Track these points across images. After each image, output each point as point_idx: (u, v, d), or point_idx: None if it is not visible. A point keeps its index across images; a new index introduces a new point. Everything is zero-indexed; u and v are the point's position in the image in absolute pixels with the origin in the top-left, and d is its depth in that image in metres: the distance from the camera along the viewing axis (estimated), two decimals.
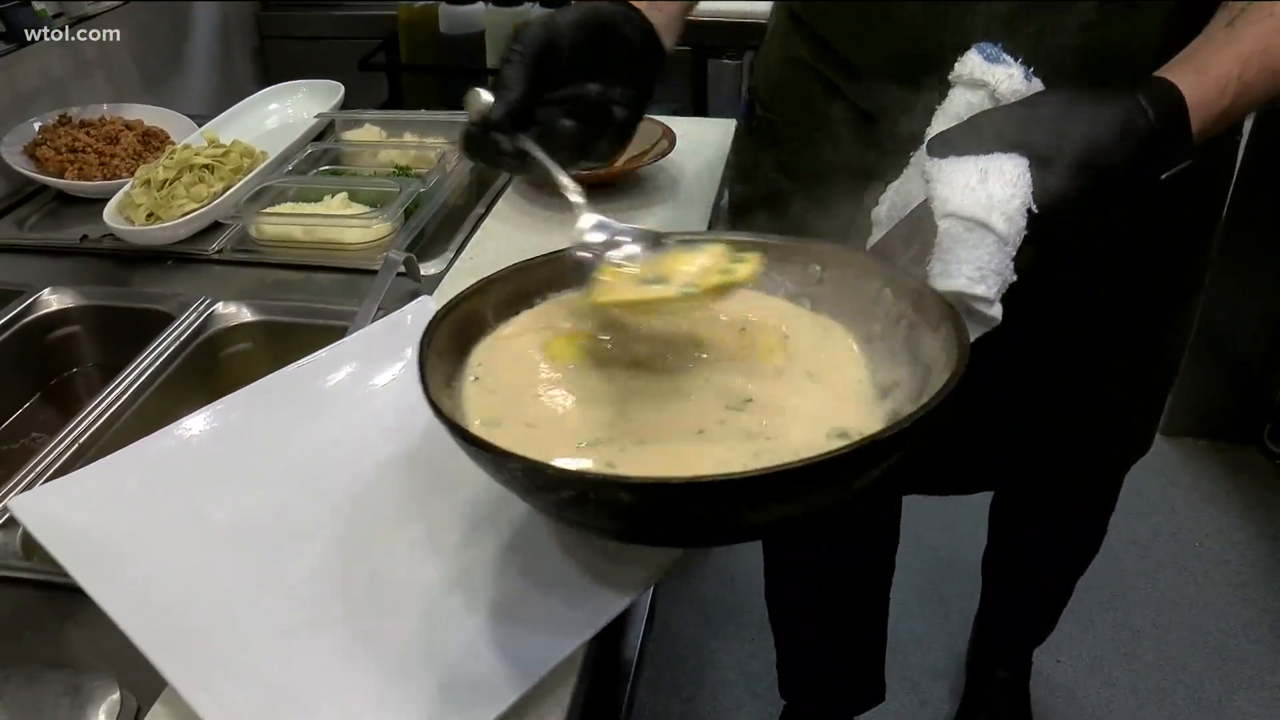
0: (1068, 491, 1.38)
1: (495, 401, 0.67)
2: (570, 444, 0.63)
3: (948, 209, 0.66)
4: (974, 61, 0.71)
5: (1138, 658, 1.88)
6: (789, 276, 0.75)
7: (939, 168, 0.68)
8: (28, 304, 1.09)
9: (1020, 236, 0.66)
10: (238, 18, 1.94)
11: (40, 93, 1.42)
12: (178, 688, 0.59)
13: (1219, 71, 0.68)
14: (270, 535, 0.71)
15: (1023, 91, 0.70)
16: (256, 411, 0.80)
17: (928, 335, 0.65)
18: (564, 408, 0.67)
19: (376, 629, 0.65)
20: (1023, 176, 0.66)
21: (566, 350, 0.72)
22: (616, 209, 1.20)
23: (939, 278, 0.67)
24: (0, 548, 0.77)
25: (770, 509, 0.56)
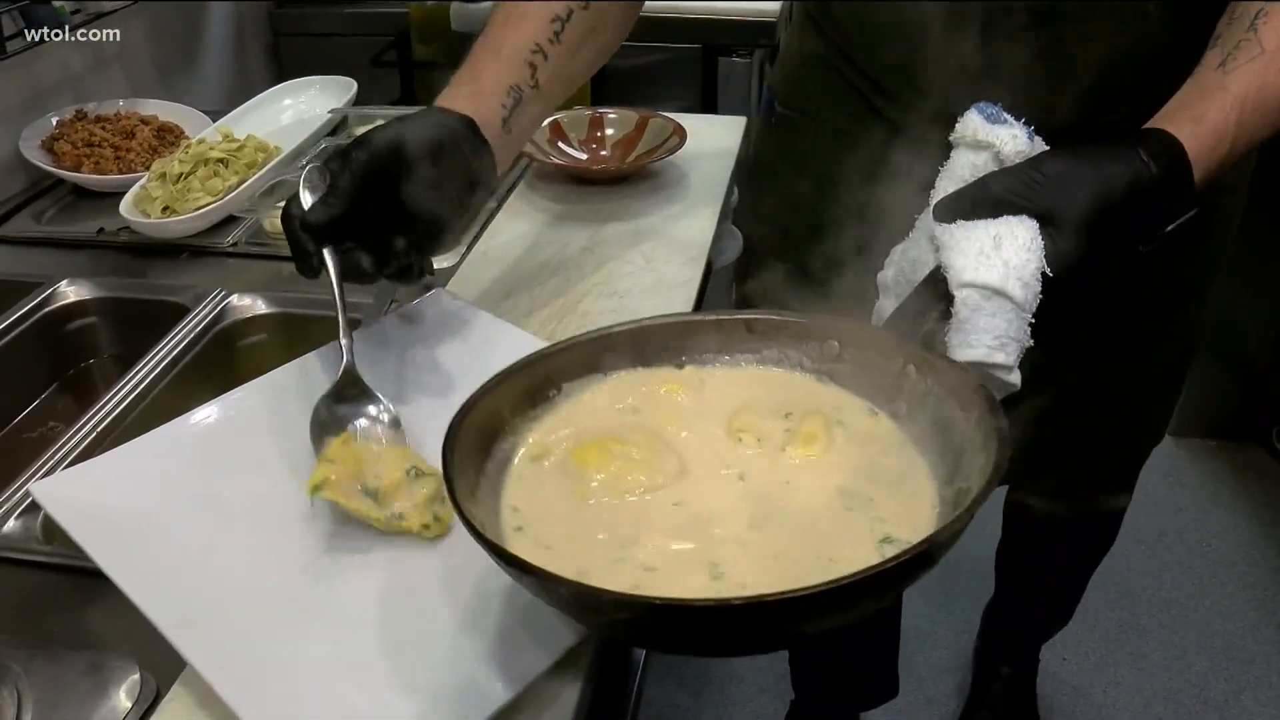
0: (1083, 483, 1.38)
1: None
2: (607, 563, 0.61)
3: (964, 279, 0.65)
4: (975, 122, 0.71)
5: (1144, 657, 1.88)
6: (806, 353, 0.73)
7: (949, 234, 0.67)
8: (46, 295, 1.10)
9: (1036, 300, 0.65)
10: (251, 15, 1.95)
11: (58, 88, 1.43)
12: (197, 667, 0.60)
13: (1216, 118, 0.68)
14: (283, 519, 0.72)
15: (1026, 152, 0.69)
16: (271, 400, 0.81)
17: (957, 413, 0.63)
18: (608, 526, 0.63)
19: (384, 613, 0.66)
20: (1035, 240, 0.65)
21: (596, 458, 0.68)
22: (626, 205, 1.21)
23: (958, 348, 0.66)
24: (22, 532, 0.78)
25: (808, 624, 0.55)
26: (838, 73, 0.97)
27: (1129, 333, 1.02)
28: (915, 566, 0.52)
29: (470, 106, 0.81)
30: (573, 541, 0.61)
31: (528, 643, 0.63)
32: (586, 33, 0.88)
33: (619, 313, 1.00)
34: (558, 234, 1.15)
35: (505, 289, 1.05)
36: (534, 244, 1.13)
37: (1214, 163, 0.68)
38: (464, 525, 0.55)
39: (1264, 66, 0.68)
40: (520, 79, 0.84)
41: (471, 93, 0.83)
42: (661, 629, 0.56)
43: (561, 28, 0.86)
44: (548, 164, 1.27)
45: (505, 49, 0.85)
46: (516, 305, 1.01)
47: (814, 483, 0.65)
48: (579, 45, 0.88)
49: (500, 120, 0.83)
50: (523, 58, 0.85)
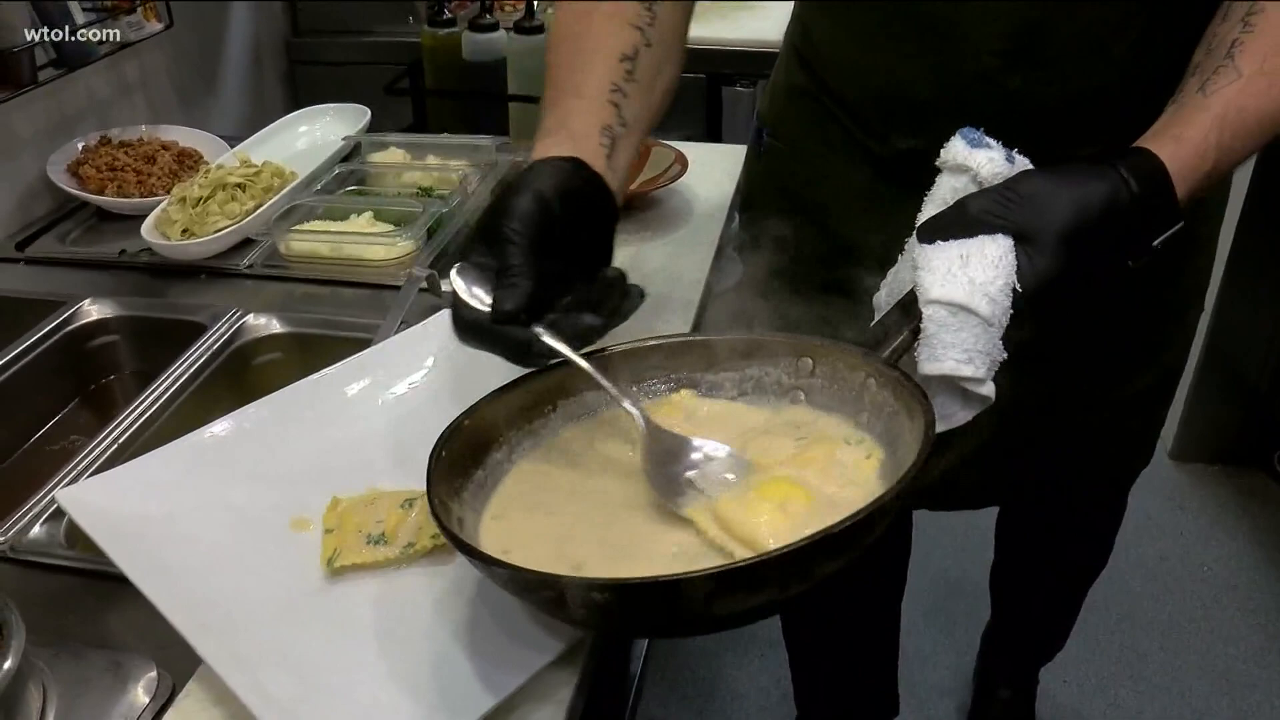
0: (1073, 504, 1.40)
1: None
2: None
3: (930, 295, 0.67)
4: (957, 147, 0.72)
5: (1145, 680, 1.89)
6: (783, 370, 0.77)
7: (924, 254, 0.69)
8: (69, 314, 1.14)
9: (1007, 315, 0.67)
10: (270, 44, 2.01)
11: (85, 114, 1.48)
12: (211, 664, 0.64)
13: (1197, 137, 0.70)
14: (294, 527, 0.76)
15: (1004, 174, 0.71)
16: (284, 414, 0.85)
17: (906, 423, 0.67)
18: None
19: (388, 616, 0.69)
20: (1004, 257, 0.66)
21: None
22: (628, 231, 1.25)
23: (926, 362, 0.68)
24: (46, 538, 0.82)
25: (729, 602, 0.57)
26: (820, 104, 1.00)
27: (1112, 356, 1.04)
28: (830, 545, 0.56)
29: (572, 149, 0.77)
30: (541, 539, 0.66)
31: (522, 645, 0.66)
32: (656, 69, 0.86)
33: (616, 334, 1.03)
34: None
35: None
36: None
37: (1197, 179, 0.69)
38: (433, 519, 0.61)
39: (1241, 89, 0.70)
40: (609, 118, 0.81)
41: (569, 135, 0.79)
42: (617, 611, 0.59)
43: (633, 66, 0.84)
44: None
45: (586, 91, 0.82)
46: None
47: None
48: (652, 81, 0.86)
49: (604, 159, 0.79)
50: (605, 98, 0.82)
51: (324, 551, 0.72)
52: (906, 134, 0.88)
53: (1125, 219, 0.67)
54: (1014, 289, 0.66)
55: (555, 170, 0.73)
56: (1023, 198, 0.67)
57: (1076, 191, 0.67)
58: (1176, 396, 2.28)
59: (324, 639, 0.67)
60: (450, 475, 0.67)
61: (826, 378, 0.75)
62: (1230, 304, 2.19)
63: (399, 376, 0.90)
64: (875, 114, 0.95)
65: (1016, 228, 0.67)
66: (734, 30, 1.96)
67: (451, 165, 1.43)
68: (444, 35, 1.73)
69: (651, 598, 0.56)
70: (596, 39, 0.85)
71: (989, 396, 0.69)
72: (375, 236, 1.24)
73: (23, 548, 0.81)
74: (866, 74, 0.94)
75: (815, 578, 0.58)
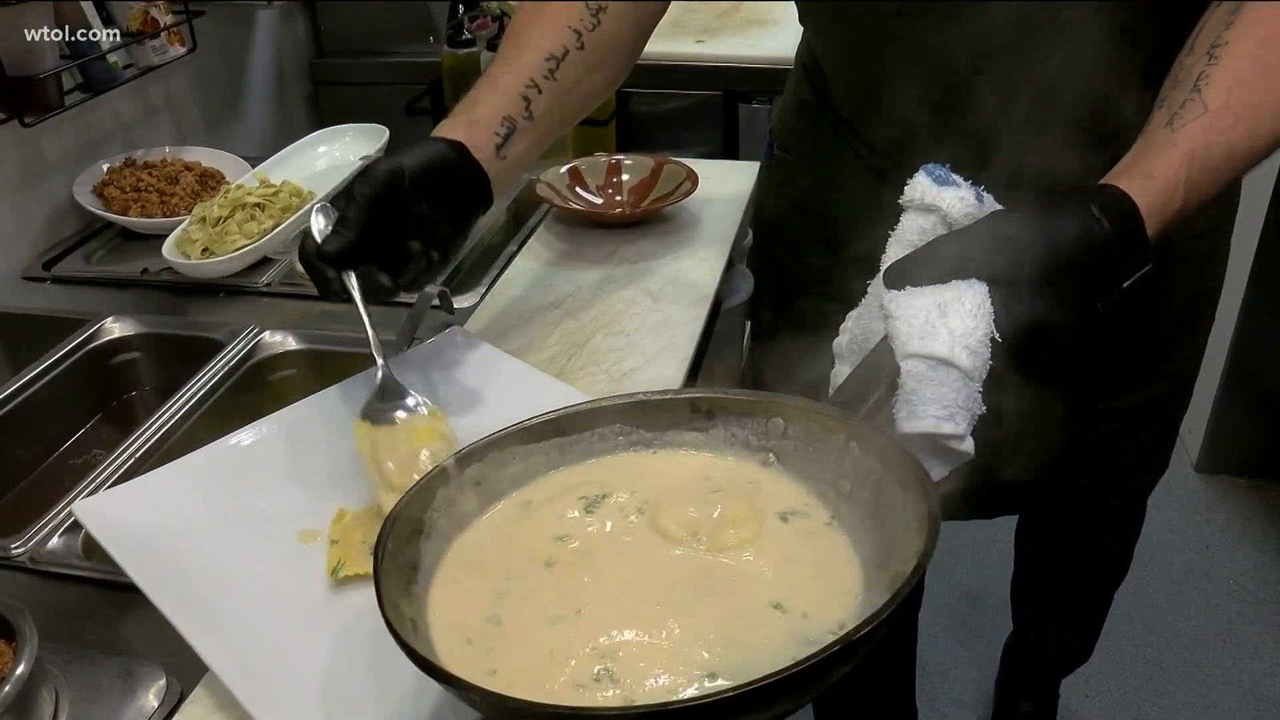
0: (1090, 514, 1.40)
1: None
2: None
3: (909, 350, 0.63)
4: (923, 185, 0.69)
5: (1168, 694, 1.87)
6: (750, 431, 0.70)
7: (896, 302, 0.65)
8: (92, 331, 1.17)
9: (986, 366, 0.64)
10: (293, 65, 2.05)
11: (111, 136, 1.52)
12: (217, 672, 0.66)
13: (1166, 174, 0.68)
14: (300, 537, 0.78)
15: (975, 213, 0.68)
16: (295, 429, 0.87)
17: (897, 494, 0.61)
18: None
19: None
20: (983, 306, 0.63)
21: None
22: (639, 247, 1.27)
23: (905, 420, 0.64)
24: (64, 549, 0.84)
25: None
26: (826, 119, 1.02)
27: (1116, 368, 1.05)
28: (833, 663, 0.49)
29: (465, 134, 0.87)
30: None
31: None
32: (582, 73, 0.93)
33: (625, 350, 1.05)
34: (572, 275, 1.21)
35: (519, 327, 1.10)
36: (549, 285, 1.19)
37: (1167, 216, 0.68)
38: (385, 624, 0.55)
39: (1209, 124, 0.69)
40: (514, 110, 0.89)
41: (466, 121, 0.88)
42: None
43: (557, 66, 0.91)
44: (566, 208, 1.32)
45: (502, 83, 0.90)
46: (529, 343, 1.07)
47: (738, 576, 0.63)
48: (574, 84, 0.93)
49: (494, 147, 0.88)
50: (518, 91, 0.90)
51: (329, 562, 0.74)
52: (902, 149, 0.90)
53: (1098, 261, 0.65)
54: (993, 338, 0.63)
55: (427, 150, 0.84)
56: (997, 241, 0.65)
57: (1050, 233, 0.65)
58: (1202, 409, 2.30)
59: (327, 647, 0.69)
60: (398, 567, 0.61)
61: (800, 440, 0.68)
62: (1255, 316, 2.18)
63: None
64: (873, 129, 0.96)
65: (991, 273, 0.64)
66: (750, 48, 1.98)
67: None
68: (464, 55, 1.76)
69: None
70: (531, 36, 0.93)
71: (968, 453, 0.65)
72: None
73: (41, 558, 0.83)
74: (863, 91, 0.96)
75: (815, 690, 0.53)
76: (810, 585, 0.61)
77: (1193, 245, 1.00)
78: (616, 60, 0.97)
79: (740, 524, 0.65)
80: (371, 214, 0.81)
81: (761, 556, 0.63)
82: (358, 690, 0.66)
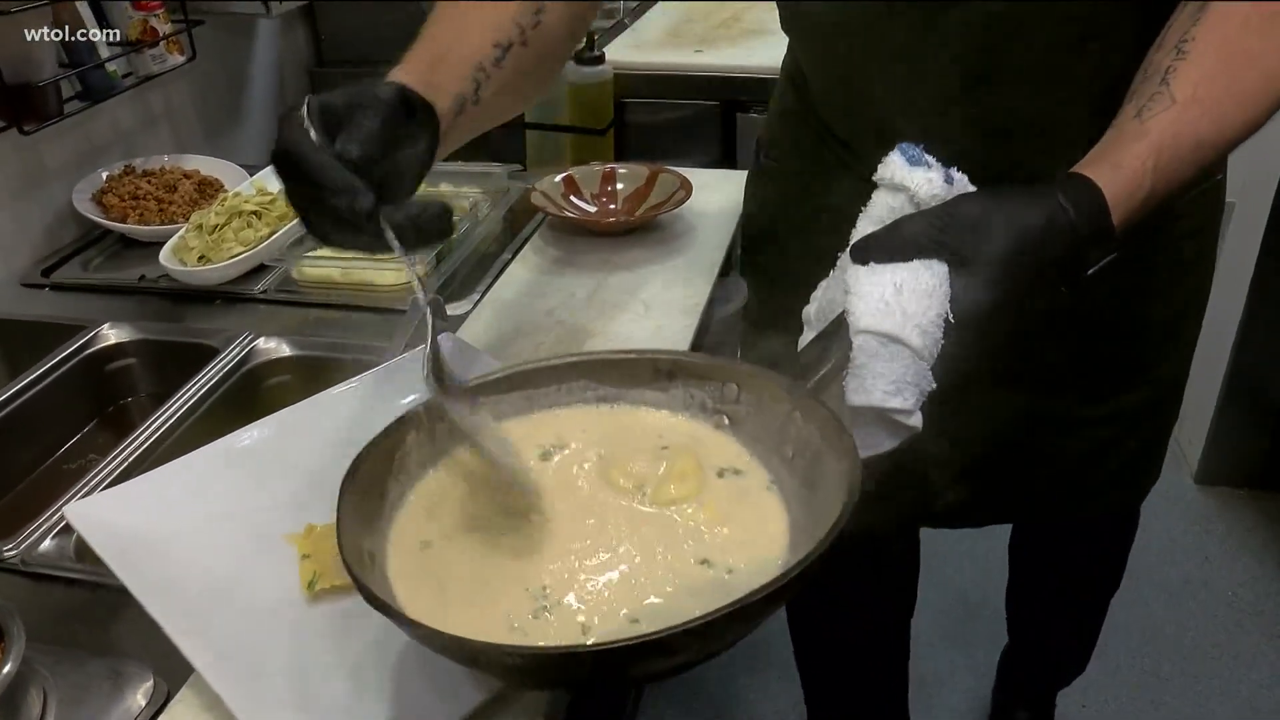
0: (1082, 522, 1.40)
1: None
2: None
3: (861, 325, 0.65)
4: (894, 164, 0.71)
5: (1165, 705, 1.87)
6: (707, 394, 0.75)
7: (857, 277, 0.67)
8: (89, 338, 1.18)
9: (938, 345, 0.65)
10: (293, 74, 2.06)
11: (110, 144, 1.53)
12: (204, 674, 0.66)
13: (1133, 164, 0.69)
14: (285, 540, 0.78)
15: (942, 195, 0.69)
16: (285, 433, 0.88)
17: (832, 464, 0.64)
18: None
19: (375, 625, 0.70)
20: (939, 287, 0.65)
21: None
22: (632, 255, 1.27)
23: (854, 393, 0.66)
24: (56, 552, 0.85)
25: (645, 667, 0.56)
26: (810, 126, 1.03)
27: (1098, 373, 1.05)
28: (731, 621, 0.53)
29: (429, 94, 0.77)
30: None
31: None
32: (522, 71, 0.88)
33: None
34: (565, 283, 1.22)
35: (511, 334, 1.11)
36: (542, 292, 1.20)
37: (1134, 206, 0.69)
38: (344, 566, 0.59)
39: (1176, 116, 0.70)
40: (465, 90, 0.83)
41: (429, 81, 0.79)
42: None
43: (503, 55, 0.86)
44: (561, 216, 1.33)
45: (452, 57, 0.84)
46: (520, 350, 1.07)
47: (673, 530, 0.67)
48: (514, 80, 0.88)
49: (451, 115, 0.80)
50: (468, 74, 0.83)
51: (303, 576, 0.74)
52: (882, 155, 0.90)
53: (1063, 247, 0.67)
54: (947, 319, 0.65)
55: (394, 89, 0.74)
56: (959, 223, 0.66)
57: (1014, 218, 0.66)
58: (1202, 420, 2.30)
59: (312, 650, 0.69)
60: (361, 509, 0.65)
61: (752, 406, 0.73)
62: (1255, 327, 2.17)
63: (402, 394, 0.93)
64: (855, 136, 0.97)
65: (952, 253, 0.66)
66: (748, 58, 1.98)
67: (463, 192, 1.46)
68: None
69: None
70: (479, 16, 0.87)
71: (916, 427, 0.67)
72: (385, 262, 1.27)
73: (33, 560, 0.84)
74: (844, 98, 0.96)
75: (736, 635, 0.56)
76: (740, 545, 0.66)
77: (1176, 249, 1.01)
78: (549, 66, 0.95)
79: (683, 479, 0.70)
80: (381, 130, 0.70)
81: (700, 512, 0.69)
82: (341, 693, 0.67)
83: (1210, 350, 1.14)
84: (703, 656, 0.57)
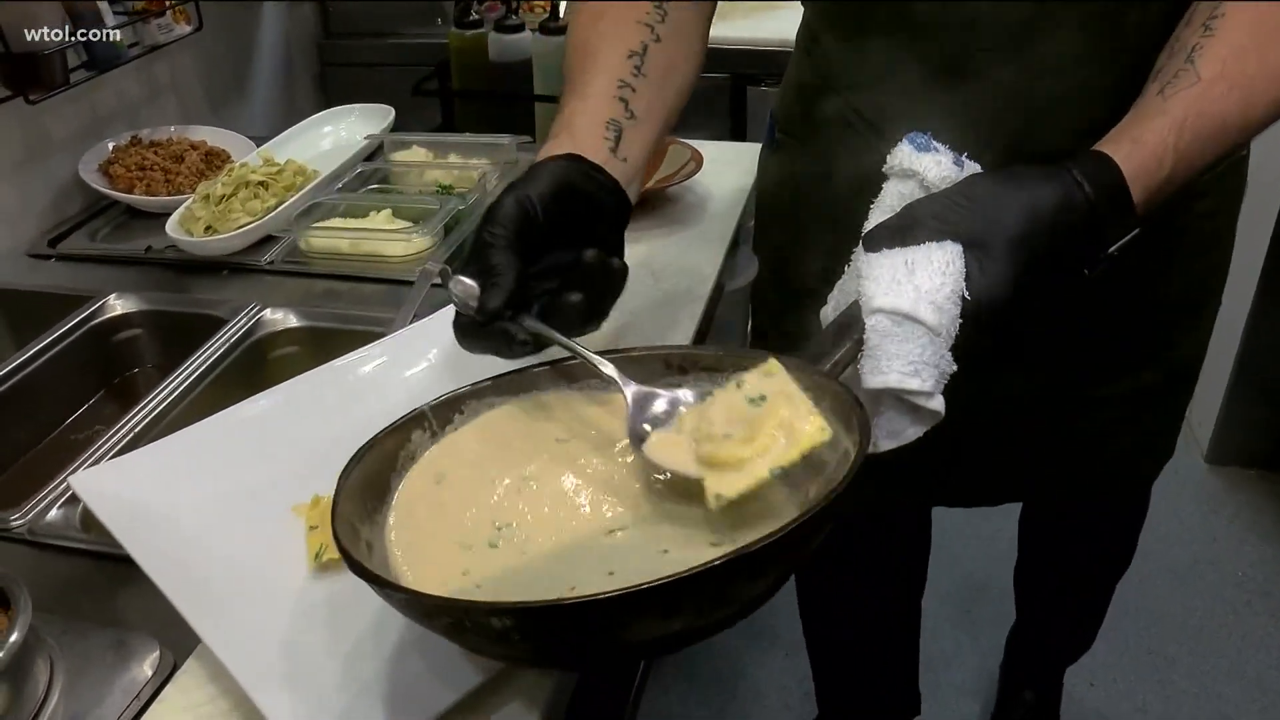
0: (1094, 501, 1.39)
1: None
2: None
3: (873, 304, 0.64)
4: (903, 152, 0.70)
5: (1172, 684, 1.87)
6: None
7: (869, 262, 0.66)
8: (95, 308, 1.17)
9: (955, 325, 0.63)
10: (300, 46, 2.04)
11: (116, 115, 1.52)
12: (209, 644, 0.66)
13: (1154, 140, 0.68)
14: (295, 514, 0.78)
15: (952, 178, 0.68)
16: (290, 403, 0.87)
17: (844, 436, 0.62)
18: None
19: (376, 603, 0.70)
20: (952, 264, 0.63)
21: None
22: (643, 226, 1.26)
23: (870, 375, 0.64)
24: (62, 522, 0.85)
25: (640, 629, 0.53)
26: (826, 101, 1.01)
27: (1112, 351, 1.04)
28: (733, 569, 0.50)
29: (571, 147, 0.78)
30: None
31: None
32: (666, 63, 0.87)
33: (627, 329, 1.05)
34: None
35: None
36: None
37: (1154, 184, 0.67)
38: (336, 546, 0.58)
39: (1200, 94, 0.69)
40: (615, 113, 0.82)
41: (569, 137, 0.80)
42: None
43: (641, 61, 0.84)
44: None
45: (590, 90, 0.83)
46: None
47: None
48: (663, 76, 0.86)
49: (608, 150, 0.80)
50: (610, 94, 0.83)
51: (310, 548, 0.74)
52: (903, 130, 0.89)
53: (1079, 224, 0.65)
54: (963, 297, 0.63)
55: (542, 172, 0.75)
56: (971, 202, 0.65)
57: (1027, 196, 0.64)
58: (1212, 401, 2.28)
59: (318, 621, 0.69)
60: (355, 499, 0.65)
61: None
62: (1267, 308, 2.16)
63: (408, 365, 0.92)
64: (875, 110, 0.96)
65: (965, 233, 0.64)
66: (757, 30, 1.96)
67: (472, 164, 1.45)
68: (471, 36, 1.76)
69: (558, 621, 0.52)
70: (603, 39, 0.86)
71: (939, 411, 0.65)
72: (392, 233, 1.26)
73: (40, 530, 0.84)
74: (865, 72, 0.95)
75: (736, 600, 0.54)
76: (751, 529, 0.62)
77: (1197, 227, 1.00)
78: (692, 45, 0.92)
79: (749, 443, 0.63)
80: (515, 254, 0.71)
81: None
82: (347, 663, 0.66)
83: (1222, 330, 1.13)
84: (710, 620, 0.54)
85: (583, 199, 0.76)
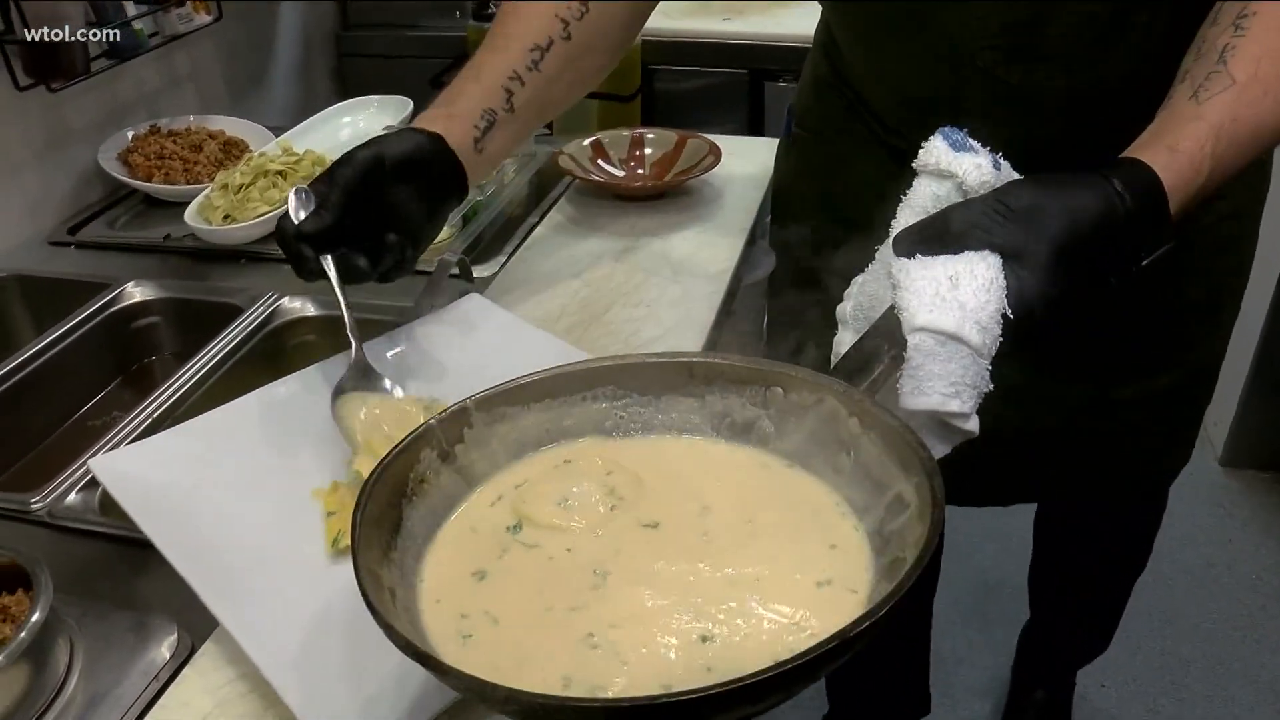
0: (1109, 503, 1.39)
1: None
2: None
3: (917, 322, 0.60)
4: (939, 150, 0.66)
5: (1185, 687, 1.86)
6: (749, 399, 0.68)
7: (906, 270, 0.63)
8: (113, 295, 1.18)
9: (996, 344, 0.61)
10: (319, 37, 2.05)
11: (136, 104, 1.52)
12: (227, 627, 0.66)
13: (1191, 148, 0.65)
14: (309, 496, 0.78)
15: (991, 182, 0.65)
16: (309, 390, 0.87)
17: (898, 476, 0.59)
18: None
19: None
20: (996, 280, 0.60)
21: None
22: (660, 220, 1.26)
23: (910, 395, 0.61)
24: (81, 505, 0.85)
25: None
26: (843, 98, 1.01)
27: (1131, 354, 1.03)
28: (835, 654, 0.48)
29: (444, 127, 0.87)
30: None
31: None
32: (566, 63, 0.92)
33: (643, 321, 1.05)
34: (592, 246, 1.21)
35: (538, 296, 1.10)
36: (570, 255, 1.19)
37: (1190, 193, 0.65)
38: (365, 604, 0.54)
39: (1236, 97, 0.67)
40: (495, 102, 0.90)
41: (447, 114, 0.89)
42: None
43: (541, 56, 0.90)
44: (588, 180, 1.32)
45: (484, 74, 0.91)
46: (547, 311, 1.07)
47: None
48: (558, 74, 0.92)
49: (472, 140, 0.89)
50: (500, 83, 0.90)
51: (328, 533, 0.74)
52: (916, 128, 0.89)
53: (1118, 235, 0.62)
54: (1005, 315, 0.60)
55: (406, 140, 0.85)
56: (1013, 212, 0.62)
57: (1070, 206, 0.61)
58: (1228, 403, 2.27)
59: (336, 605, 0.69)
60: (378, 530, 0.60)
61: (796, 412, 0.66)
62: None
63: (421, 357, 0.93)
64: (888, 108, 0.95)
65: (1005, 245, 0.61)
66: (775, 26, 1.97)
67: None
68: (488, 29, 1.75)
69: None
70: (516, 26, 0.92)
71: (972, 431, 0.62)
72: None
73: (59, 513, 0.84)
74: (877, 69, 0.94)
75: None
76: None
77: (1218, 229, 0.98)
78: (603, 52, 0.96)
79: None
80: (350, 198, 0.82)
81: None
82: (365, 647, 0.66)
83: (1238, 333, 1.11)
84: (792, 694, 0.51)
85: (428, 176, 0.86)
